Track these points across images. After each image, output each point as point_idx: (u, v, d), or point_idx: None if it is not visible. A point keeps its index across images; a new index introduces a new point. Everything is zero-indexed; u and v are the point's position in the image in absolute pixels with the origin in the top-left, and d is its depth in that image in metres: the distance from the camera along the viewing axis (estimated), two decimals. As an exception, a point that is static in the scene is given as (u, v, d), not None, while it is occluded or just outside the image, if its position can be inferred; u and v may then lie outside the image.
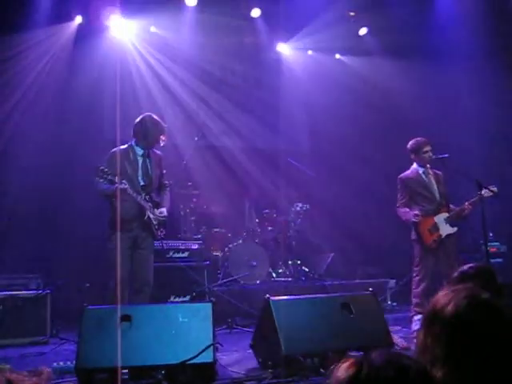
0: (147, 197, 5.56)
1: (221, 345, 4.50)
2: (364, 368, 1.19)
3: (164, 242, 6.09)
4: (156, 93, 8.96)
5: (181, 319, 4.20)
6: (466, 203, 6.04)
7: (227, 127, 9.62)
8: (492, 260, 6.91)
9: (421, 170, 6.26)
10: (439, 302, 1.45)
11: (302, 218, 8.81)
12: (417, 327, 5.61)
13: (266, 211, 9.02)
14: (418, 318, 5.76)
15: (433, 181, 6.27)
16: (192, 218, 8.45)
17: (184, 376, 4.01)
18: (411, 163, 6.35)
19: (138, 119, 5.71)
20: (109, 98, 7.80)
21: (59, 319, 6.39)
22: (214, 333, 4.23)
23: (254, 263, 7.92)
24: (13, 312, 6.04)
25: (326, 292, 7.39)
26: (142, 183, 5.60)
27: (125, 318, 4.17)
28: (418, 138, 6.26)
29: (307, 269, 8.67)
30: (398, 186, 6.30)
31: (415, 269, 6.14)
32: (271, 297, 4.50)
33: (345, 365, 1.23)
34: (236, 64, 10.00)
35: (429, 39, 9.05)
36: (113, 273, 5.18)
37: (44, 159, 7.67)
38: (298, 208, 8.79)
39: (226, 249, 8.12)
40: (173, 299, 6.83)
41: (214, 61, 9.46)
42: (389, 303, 7.95)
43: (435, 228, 6.03)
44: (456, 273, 2.88)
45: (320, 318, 4.46)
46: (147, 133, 5.64)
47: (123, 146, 5.64)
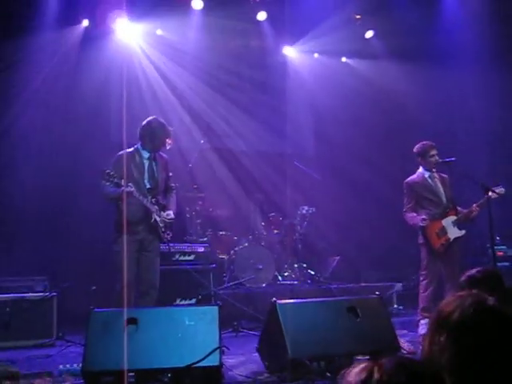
0: (153, 200, 5.56)
1: (227, 348, 4.49)
2: (375, 373, 1.19)
3: (170, 245, 6.09)
4: (162, 96, 8.98)
5: (187, 322, 4.19)
6: (474, 205, 6.00)
7: (233, 130, 9.63)
8: (499, 264, 6.86)
9: (427, 174, 6.22)
10: (445, 309, 1.44)
11: (308, 222, 8.80)
12: (423, 331, 5.58)
13: (272, 214, 9.02)
14: (425, 322, 5.73)
15: (439, 184, 6.23)
16: (198, 221, 8.45)
17: (190, 379, 4.00)
18: (417, 167, 6.33)
19: (144, 122, 5.72)
20: (115, 101, 7.81)
21: (65, 322, 6.39)
22: (221, 336, 4.22)
23: (260, 266, 7.91)
24: (19, 314, 6.05)
25: (332, 295, 7.35)
26: (149, 186, 5.60)
27: (131, 321, 4.16)
28: (425, 142, 6.23)
29: (313, 272, 8.66)
30: (405, 191, 6.26)
31: (422, 273, 6.10)
32: (278, 300, 4.49)
33: (355, 370, 1.23)
34: (242, 67, 10.01)
35: (435, 42, 9.05)
36: (119, 276, 5.19)
37: (50, 162, 7.70)
38: (304, 211, 8.78)
39: (232, 252, 8.12)
40: (178, 302, 6.83)
41: (220, 64, 9.46)
42: (395, 307, 7.92)
43: (443, 231, 5.99)
44: (464, 277, 2.88)
45: (326, 322, 4.44)
46: (153, 136, 5.65)
47: (129, 149, 5.64)
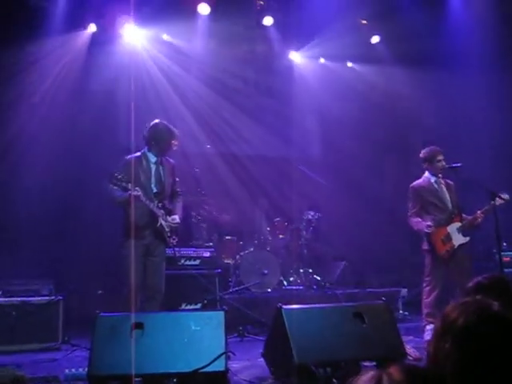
0: (160, 204, 5.57)
1: (233, 353, 4.49)
2: (384, 381, 1.19)
3: (176, 250, 6.09)
4: (168, 100, 8.99)
5: (193, 327, 4.19)
6: (479, 212, 5.97)
7: (239, 135, 9.64)
8: (506, 269, 6.83)
9: (433, 179, 6.20)
10: (449, 316, 1.43)
11: (314, 227, 8.78)
12: (429, 337, 5.56)
13: (278, 219, 9.01)
14: (430, 328, 5.71)
15: (445, 190, 6.21)
16: (203, 226, 8.44)
17: (196, 384, 4.01)
18: (423, 172, 6.31)
19: (150, 126, 5.73)
20: (122, 106, 7.84)
21: (71, 325, 6.41)
22: (227, 341, 4.22)
23: (266, 271, 7.90)
24: (25, 318, 6.08)
25: (338, 301, 7.34)
26: (155, 190, 5.61)
27: (137, 326, 4.17)
28: (431, 147, 6.21)
29: (319, 277, 8.63)
30: (410, 195, 6.24)
31: (426, 279, 6.08)
32: (283, 306, 4.49)
33: (364, 378, 1.23)
34: (248, 72, 10.04)
35: (440, 47, 9.03)
36: (126, 280, 5.20)
37: (58, 165, 7.73)
38: (310, 216, 8.76)
39: (238, 256, 8.12)
40: (184, 307, 6.83)
41: (226, 69, 9.48)
42: (401, 312, 7.88)
43: (448, 238, 5.96)
44: (471, 283, 2.87)
45: (332, 328, 4.44)
46: (159, 139, 5.66)
47: (136, 154, 5.66)
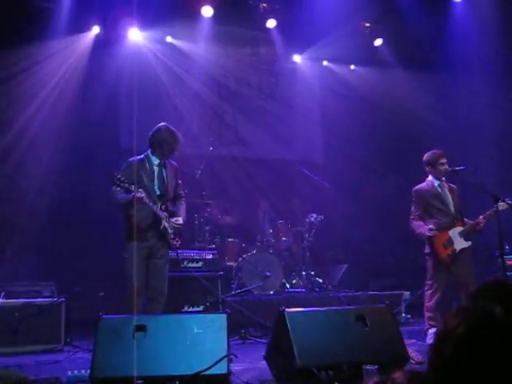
0: (163, 206, 5.57)
1: (235, 356, 4.49)
2: None
3: (179, 252, 6.09)
4: (171, 103, 9.01)
5: (196, 330, 4.19)
6: (481, 217, 5.94)
7: (241, 138, 9.65)
8: (508, 273, 6.82)
9: (436, 183, 6.18)
10: (451, 321, 1.41)
11: (316, 229, 8.79)
12: (431, 341, 5.55)
13: (280, 222, 9.01)
14: (433, 332, 5.70)
15: (448, 194, 6.17)
16: (206, 228, 8.46)
17: (198, 387, 4.01)
18: (426, 175, 6.30)
19: (154, 129, 5.74)
20: (125, 108, 7.86)
21: (73, 327, 6.41)
22: (229, 344, 4.22)
23: (268, 274, 7.90)
24: (27, 319, 6.08)
25: (340, 303, 7.34)
26: (158, 193, 5.62)
27: (139, 328, 4.17)
28: (435, 151, 6.19)
29: (321, 280, 8.65)
30: (413, 198, 6.21)
31: (427, 282, 6.06)
32: (286, 308, 4.48)
33: None
34: (251, 75, 10.05)
35: (443, 50, 9.05)
36: (128, 282, 5.20)
37: (60, 168, 7.74)
38: (313, 219, 8.77)
39: (240, 259, 8.12)
40: (186, 309, 6.83)
41: (230, 71, 9.51)
42: (403, 315, 7.86)
43: (449, 242, 5.93)
44: (473, 288, 2.86)
45: (335, 331, 4.43)
46: (163, 143, 5.67)
47: (139, 156, 5.68)
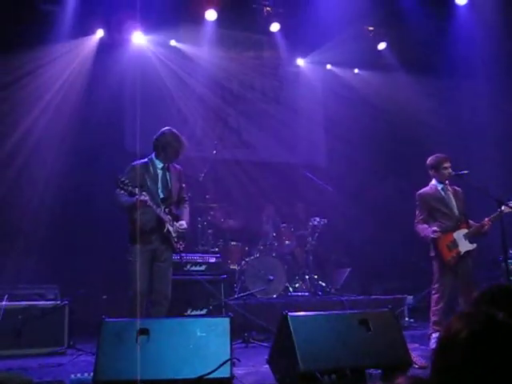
0: (167, 210, 5.58)
1: (238, 360, 4.48)
2: None
3: (182, 255, 6.09)
4: (175, 106, 9.02)
5: (199, 333, 4.18)
6: (486, 219, 5.95)
7: (245, 141, 9.65)
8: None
9: (440, 186, 6.19)
10: (453, 326, 1.41)
11: (320, 233, 8.78)
12: (435, 345, 5.53)
13: (284, 225, 9.01)
14: (437, 336, 5.68)
15: (452, 197, 6.19)
16: (209, 231, 8.46)
17: (201, 391, 4.00)
18: (430, 179, 6.30)
19: (159, 133, 5.75)
20: (129, 111, 7.87)
21: (76, 330, 6.42)
22: (232, 348, 4.21)
23: (271, 277, 7.89)
24: (31, 322, 6.09)
25: (343, 307, 7.33)
26: (162, 196, 5.62)
27: (142, 332, 4.17)
28: (438, 154, 6.20)
29: (324, 283, 8.63)
30: (417, 202, 6.22)
31: (434, 286, 6.05)
32: (289, 312, 4.47)
33: None
34: (255, 78, 10.07)
35: (447, 54, 9.05)
36: (132, 285, 5.21)
37: (64, 170, 7.75)
38: (316, 222, 8.75)
39: (243, 262, 8.10)
40: (190, 312, 6.84)
41: (233, 75, 9.52)
42: (406, 319, 7.84)
43: (454, 244, 5.94)
44: (476, 292, 2.85)
45: (338, 335, 4.42)
46: (167, 147, 5.68)
47: (143, 160, 5.69)
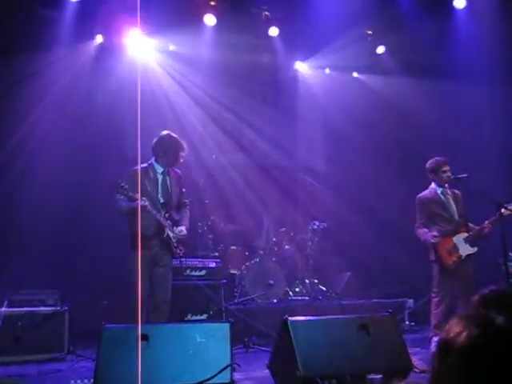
0: (167, 215, 5.58)
1: (238, 365, 4.48)
2: None
3: (182, 260, 6.09)
4: (175, 111, 9.01)
5: (198, 339, 4.17)
6: (486, 222, 5.95)
7: (245, 145, 9.65)
8: (512, 280, 6.78)
9: (439, 190, 6.19)
10: (452, 330, 1.40)
11: (319, 237, 8.77)
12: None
13: (283, 229, 8.99)
14: (437, 340, 5.67)
15: (451, 201, 6.19)
16: (209, 236, 8.45)
17: (201, 396, 3.98)
18: (429, 182, 6.30)
19: (158, 137, 5.76)
20: (129, 116, 7.86)
21: (76, 336, 6.40)
22: (232, 353, 4.20)
23: (271, 282, 7.87)
24: (31, 328, 6.05)
25: (344, 312, 7.32)
26: (162, 201, 5.62)
27: (142, 338, 4.15)
28: (437, 158, 6.20)
29: (324, 288, 8.62)
30: (417, 207, 6.23)
31: (434, 290, 6.06)
32: (289, 317, 4.46)
33: None
34: (253, 82, 10.07)
35: (446, 57, 9.03)
36: (132, 290, 5.19)
37: (64, 175, 7.73)
38: (316, 226, 8.74)
39: (243, 267, 8.08)
40: (190, 317, 6.82)
41: (232, 79, 9.51)
42: (407, 323, 7.83)
43: (455, 249, 5.94)
44: (476, 296, 2.84)
45: (338, 340, 4.40)
46: (167, 151, 5.68)
47: (143, 164, 5.67)
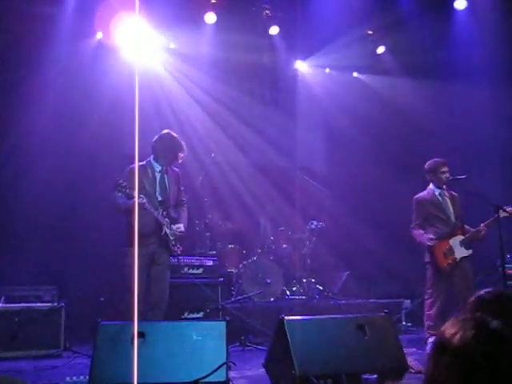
0: (164, 212, 5.58)
1: (234, 364, 4.48)
2: None
3: (179, 258, 6.09)
4: (174, 109, 9.01)
5: (195, 337, 4.18)
6: (482, 225, 5.94)
7: (243, 144, 9.64)
8: (510, 282, 6.80)
9: (437, 191, 6.18)
10: (447, 332, 1.42)
11: (317, 236, 8.78)
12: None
13: (281, 228, 8.99)
14: (433, 341, 5.68)
15: (448, 202, 6.17)
16: (207, 234, 8.46)
17: (197, 395, 3.99)
18: (427, 183, 6.30)
19: (157, 136, 5.76)
20: (128, 114, 7.83)
21: (72, 332, 6.41)
22: (228, 351, 4.21)
23: (268, 280, 7.88)
24: (27, 324, 6.07)
25: (341, 311, 7.33)
26: (160, 199, 5.62)
27: (138, 335, 4.15)
28: (436, 159, 6.20)
29: (321, 287, 8.62)
30: (414, 207, 6.23)
31: (428, 291, 6.07)
32: (285, 316, 4.47)
33: None
34: (254, 81, 10.07)
35: (446, 58, 9.05)
36: (128, 287, 5.19)
37: (63, 172, 7.73)
38: (313, 226, 8.75)
39: (241, 265, 8.08)
40: (186, 315, 6.82)
41: (232, 78, 9.51)
42: (403, 323, 7.85)
43: (450, 251, 5.93)
44: (472, 297, 2.85)
45: (334, 339, 4.41)
46: (166, 149, 5.69)
47: (141, 162, 5.68)
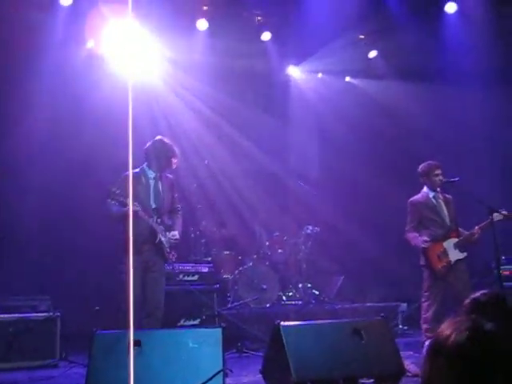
0: (159, 220, 5.57)
1: (231, 371, 4.47)
2: None
3: (175, 265, 6.07)
4: (166, 115, 9.00)
5: (191, 345, 4.17)
6: (476, 227, 5.96)
7: (237, 150, 9.63)
8: (506, 283, 6.81)
9: (431, 194, 6.20)
10: (442, 333, 1.42)
11: (313, 241, 8.77)
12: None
13: (277, 234, 8.98)
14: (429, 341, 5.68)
15: (443, 205, 6.19)
16: (202, 241, 8.44)
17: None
18: (421, 187, 6.31)
19: (150, 143, 5.76)
20: (122, 121, 7.83)
21: (68, 342, 6.37)
22: (224, 358, 4.20)
23: (264, 286, 7.87)
24: (22, 334, 6.02)
25: (337, 316, 7.32)
26: (154, 206, 5.61)
27: (134, 344, 4.13)
28: (430, 161, 6.22)
29: (317, 292, 8.62)
30: (408, 210, 6.24)
31: (424, 294, 6.08)
32: (282, 322, 4.46)
33: None
34: (246, 87, 10.08)
35: (438, 62, 9.09)
36: (124, 296, 5.17)
37: (56, 180, 7.70)
38: (309, 231, 8.75)
39: (236, 271, 8.07)
40: (182, 322, 6.79)
41: (224, 84, 9.51)
42: (400, 327, 7.85)
43: (444, 254, 5.94)
44: (468, 299, 2.86)
45: (331, 345, 4.41)
46: (159, 156, 5.68)
47: (135, 170, 5.66)
